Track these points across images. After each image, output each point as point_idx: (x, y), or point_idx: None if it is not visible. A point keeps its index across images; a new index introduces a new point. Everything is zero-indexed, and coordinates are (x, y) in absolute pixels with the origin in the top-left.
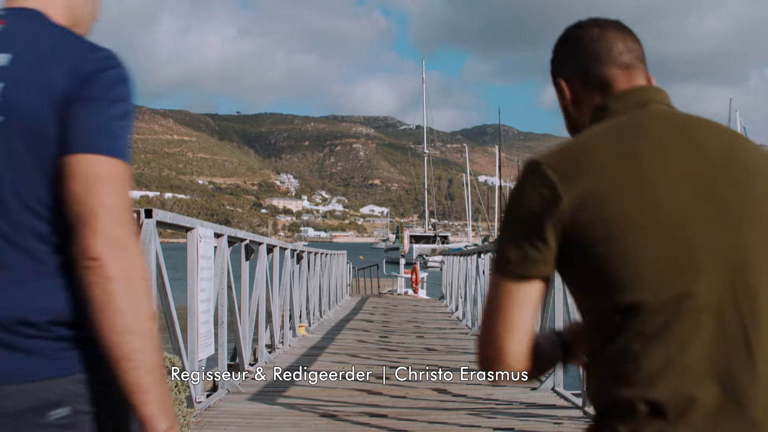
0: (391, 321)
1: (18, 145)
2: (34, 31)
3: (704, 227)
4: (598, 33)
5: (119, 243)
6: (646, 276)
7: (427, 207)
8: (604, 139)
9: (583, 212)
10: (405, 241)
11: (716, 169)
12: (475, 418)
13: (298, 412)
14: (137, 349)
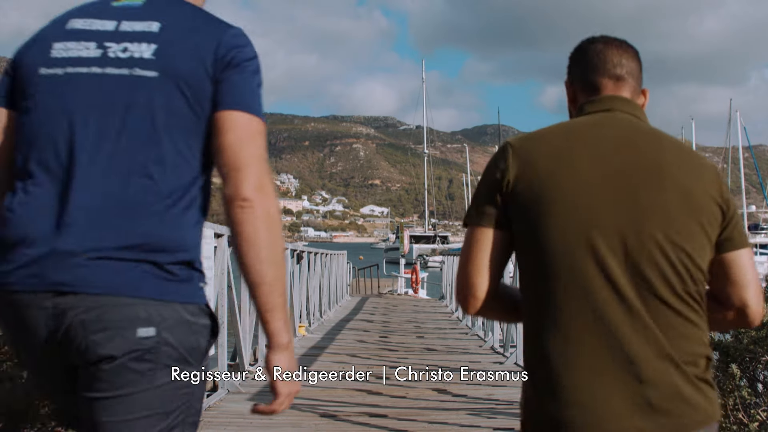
0: (391, 321)
1: (175, 98)
2: (174, 6)
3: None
4: (601, 48)
5: (264, 189)
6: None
7: (427, 207)
8: (558, 133)
9: (521, 186)
10: (405, 241)
11: (638, 171)
12: (475, 418)
13: (298, 412)
14: (274, 276)
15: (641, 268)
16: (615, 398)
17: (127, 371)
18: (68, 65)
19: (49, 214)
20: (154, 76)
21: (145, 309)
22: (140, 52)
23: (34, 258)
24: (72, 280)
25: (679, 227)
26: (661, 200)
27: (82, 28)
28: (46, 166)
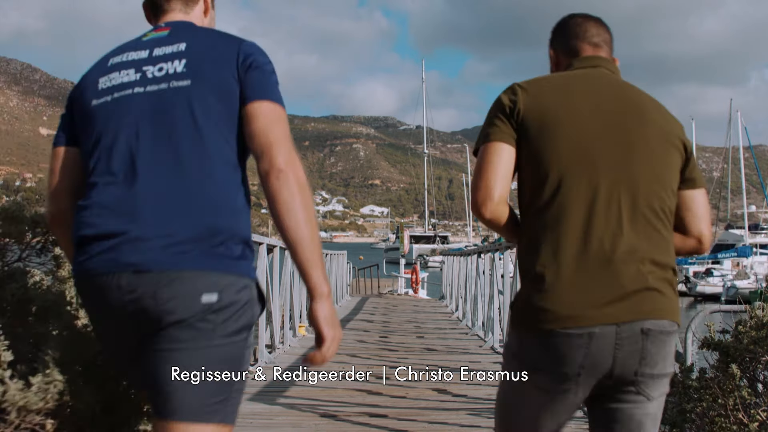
0: (391, 321)
1: (209, 99)
2: (193, 30)
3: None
4: (581, 21)
5: (294, 161)
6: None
7: (427, 207)
8: (559, 78)
9: (530, 113)
10: (405, 242)
11: (627, 115)
12: (476, 418)
13: (298, 412)
14: (311, 235)
15: (627, 188)
16: (593, 293)
17: (192, 329)
18: (114, 91)
19: (121, 212)
20: (188, 84)
21: (208, 280)
22: (173, 67)
23: (111, 246)
24: (143, 261)
25: (658, 157)
26: (644, 133)
27: (121, 60)
28: (112, 175)
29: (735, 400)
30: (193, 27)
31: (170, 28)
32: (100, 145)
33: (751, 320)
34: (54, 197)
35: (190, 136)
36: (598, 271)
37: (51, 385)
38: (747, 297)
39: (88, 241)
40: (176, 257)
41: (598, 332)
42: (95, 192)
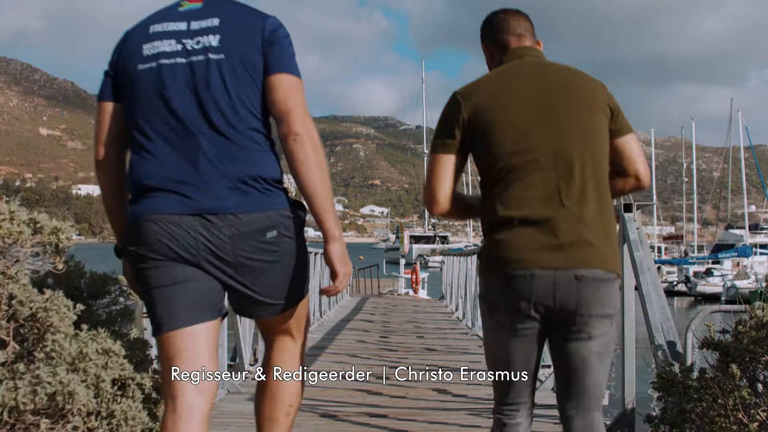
0: (391, 321)
1: (239, 70)
2: (224, 3)
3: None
4: (503, 16)
5: (308, 125)
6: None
7: None
8: (492, 77)
9: (474, 117)
10: (405, 242)
11: (551, 93)
12: (476, 418)
13: (298, 412)
14: (325, 187)
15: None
16: (534, 243)
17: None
18: (159, 59)
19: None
20: (222, 57)
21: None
22: (209, 41)
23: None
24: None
25: (586, 124)
26: (570, 107)
27: (162, 30)
28: (164, 133)
29: (735, 400)
30: (220, 2)
31: (203, 0)
32: (149, 107)
33: (751, 320)
34: (102, 145)
35: (225, 101)
36: (539, 228)
37: (39, 386)
38: (747, 297)
39: (152, 190)
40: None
41: (538, 273)
42: (151, 149)
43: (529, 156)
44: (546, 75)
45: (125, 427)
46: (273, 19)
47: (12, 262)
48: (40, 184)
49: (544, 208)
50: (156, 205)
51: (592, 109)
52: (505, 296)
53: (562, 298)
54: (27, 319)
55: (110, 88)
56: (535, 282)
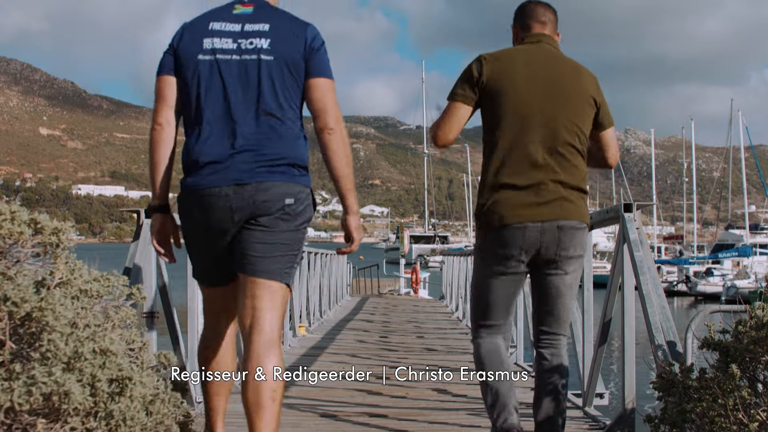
0: (391, 321)
1: (284, 71)
2: (272, 11)
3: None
4: (533, 6)
5: (340, 121)
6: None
7: (427, 207)
8: (511, 51)
9: (490, 80)
10: (405, 242)
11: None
12: (476, 419)
13: (298, 412)
14: (349, 173)
15: (552, 132)
16: (525, 200)
17: (277, 220)
18: (217, 53)
19: (225, 143)
20: (272, 59)
21: (287, 188)
22: (261, 44)
23: (221, 168)
24: (244, 176)
25: (575, 109)
26: (566, 92)
27: (220, 29)
28: (214, 117)
29: (735, 400)
30: (270, 8)
31: (254, 5)
32: (205, 94)
33: (751, 320)
34: (161, 111)
35: (270, 96)
36: (528, 190)
37: (34, 387)
38: (747, 297)
39: (202, 166)
40: (267, 174)
41: (530, 226)
42: (202, 130)
43: (524, 127)
44: (555, 62)
45: (124, 428)
46: (312, 28)
47: (12, 262)
48: (40, 184)
49: (532, 174)
50: (203, 180)
51: (584, 99)
52: (501, 245)
53: (546, 242)
54: (23, 318)
55: (170, 65)
56: (527, 232)
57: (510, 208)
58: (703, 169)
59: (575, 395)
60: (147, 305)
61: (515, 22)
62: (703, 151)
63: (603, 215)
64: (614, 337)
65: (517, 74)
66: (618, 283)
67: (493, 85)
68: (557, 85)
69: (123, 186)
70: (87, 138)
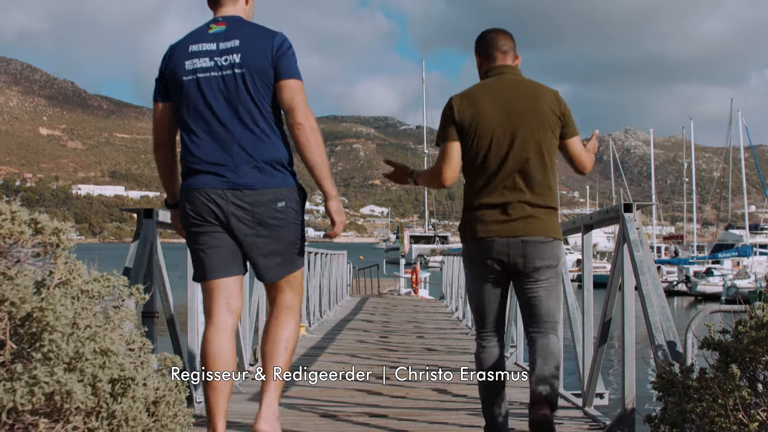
0: (391, 321)
1: (257, 81)
2: (242, 25)
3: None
4: (493, 35)
5: (308, 117)
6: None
7: (427, 207)
8: (477, 88)
9: (462, 118)
10: (405, 242)
11: (519, 105)
12: (475, 419)
13: (298, 412)
14: (321, 161)
15: (521, 157)
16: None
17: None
18: (198, 72)
19: (220, 150)
20: (243, 71)
21: (276, 194)
22: (234, 59)
23: (219, 172)
24: (241, 181)
25: (540, 131)
26: (530, 120)
27: (198, 50)
28: (204, 128)
29: (735, 400)
30: (242, 22)
31: (226, 24)
32: (193, 109)
33: (751, 320)
34: (159, 132)
35: (248, 105)
36: (499, 209)
37: (36, 387)
38: (747, 297)
39: (197, 171)
40: (258, 178)
41: (497, 240)
42: (196, 140)
43: (498, 157)
44: (516, 91)
45: (126, 428)
46: (279, 36)
47: (12, 262)
48: (40, 184)
49: (503, 196)
50: (201, 181)
51: (546, 119)
52: (478, 254)
53: (513, 255)
54: (23, 318)
55: (161, 92)
56: (495, 245)
57: (482, 224)
58: (703, 169)
59: (575, 395)
60: (147, 305)
61: (478, 52)
62: (703, 151)
63: (603, 215)
64: (614, 337)
65: (484, 109)
66: (618, 283)
67: (464, 122)
68: (520, 113)
69: (123, 186)
70: (87, 138)
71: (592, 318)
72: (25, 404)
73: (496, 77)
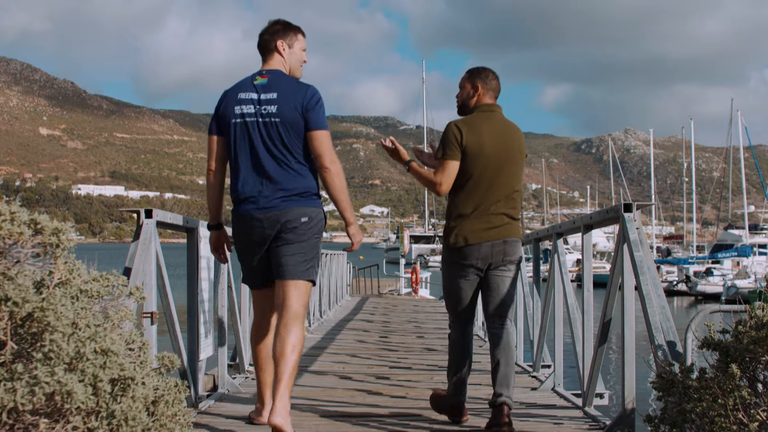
0: (391, 321)
1: (289, 129)
2: (281, 79)
3: (491, 163)
4: (493, 76)
5: (334, 160)
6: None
7: (427, 207)
8: (474, 117)
9: (468, 144)
10: (405, 241)
11: (504, 140)
12: (475, 419)
13: (298, 412)
14: (343, 195)
15: (498, 184)
16: (480, 227)
17: (296, 235)
18: (244, 117)
19: (257, 184)
20: (279, 120)
21: (302, 211)
22: (271, 109)
23: (256, 200)
24: (271, 204)
25: (518, 164)
26: (513, 153)
27: (245, 97)
28: (246, 164)
29: (735, 400)
30: (281, 76)
31: (268, 77)
32: (239, 146)
33: (751, 320)
34: (213, 159)
35: (281, 147)
36: (482, 218)
37: (37, 387)
38: (747, 297)
39: (241, 201)
40: (287, 202)
41: (483, 245)
42: (240, 173)
43: (485, 178)
44: (505, 130)
45: (125, 428)
46: (311, 90)
47: (12, 262)
48: (40, 184)
49: (489, 210)
50: (242, 208)
51: (521, 155)
52: (461, 258)
53: (495, 254)
54: (24, 318)
55: (215, 128)
56: (482, 249)
57: (468, 231)
58: (703, 169)
59: (575, 395)
60: (147, 305)
61: (470, 81)
62: (703, 151)
63: (603, 215)
64: (614, 337)
65: (484, 140)
66: (618, 283)
67: (468, 147)
68: (508, 149)
69: (123, 186)
70: (87, 138)
71: (592, 318)
72: (26, 404)
73: (489, 113)
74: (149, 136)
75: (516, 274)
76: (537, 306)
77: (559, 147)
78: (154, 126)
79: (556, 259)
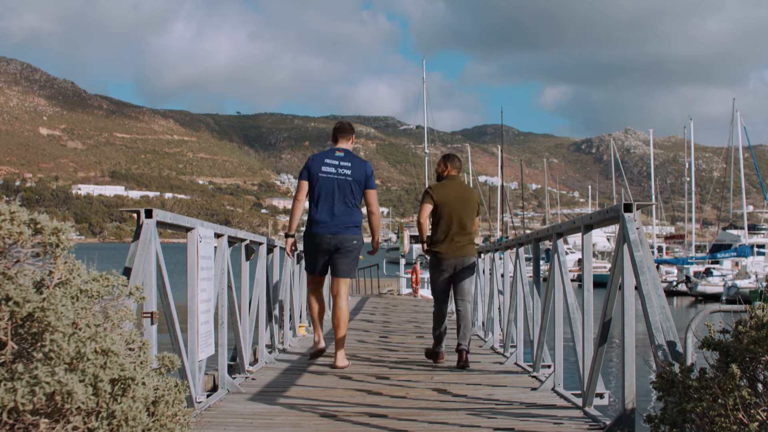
0: (391, 321)
1: (355, 185)
2: (352, 156)
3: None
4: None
5: (377, 207)
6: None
7: None
8: (443, 185)
9: (437, 199)
10: (405, 242)
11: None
12: (475, 418)
13: (298, 412)
14: (378, 230)
15: (459, 221)
16: (449, 247)
17: (348, 251)
18: (329, 174)
19: (329, 215)
20: (351, 179)
21: (354, 237)
22: (346, 172)
23: (325, 225)
24: (337, 230)
25: (471, 212)
26: (468, 204)
27: (329, 161)
28: (324, 203)
29: (735, 400)
30: (351, 154)
31: (344, 153)
32: (322, 194)
33: (751, 320)
34: (298, 195)
35: (350, 196)
36: (451, 242)
37: (37, 387)
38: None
39: (317, 223)
40: (346, 230)
41: (452, 258)
42: (320, 208)
43: (452, 218)
44: (463, 190)
45: (125, 428)
46: (368, 166)
47: (12, 262)
48: (40, 184)
49: (454, 237)
50: (315, 229)
51: (474, 206)
52: (440, 267)
53: (458, 264)
54: (24, 318)
55: (305, 176)
56: (451, 261)
57: (443, 250)
58: (703, 169)
59: (575, 395)
60: (147, 305)
61: (443, 162)
62: (703, 151)
63: (603, 215)
64: (614, 337)
65: (448, 197)
66: (618, 283)
67: (438, 201)
68: (464, 201)
69: (123, 186)
70: (87, 138)
71: (592, 318)
72: (26, 404)
73: (452, 180)
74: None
75: (473, 274)
76: (537, 306)
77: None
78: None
79: (557, 258)
